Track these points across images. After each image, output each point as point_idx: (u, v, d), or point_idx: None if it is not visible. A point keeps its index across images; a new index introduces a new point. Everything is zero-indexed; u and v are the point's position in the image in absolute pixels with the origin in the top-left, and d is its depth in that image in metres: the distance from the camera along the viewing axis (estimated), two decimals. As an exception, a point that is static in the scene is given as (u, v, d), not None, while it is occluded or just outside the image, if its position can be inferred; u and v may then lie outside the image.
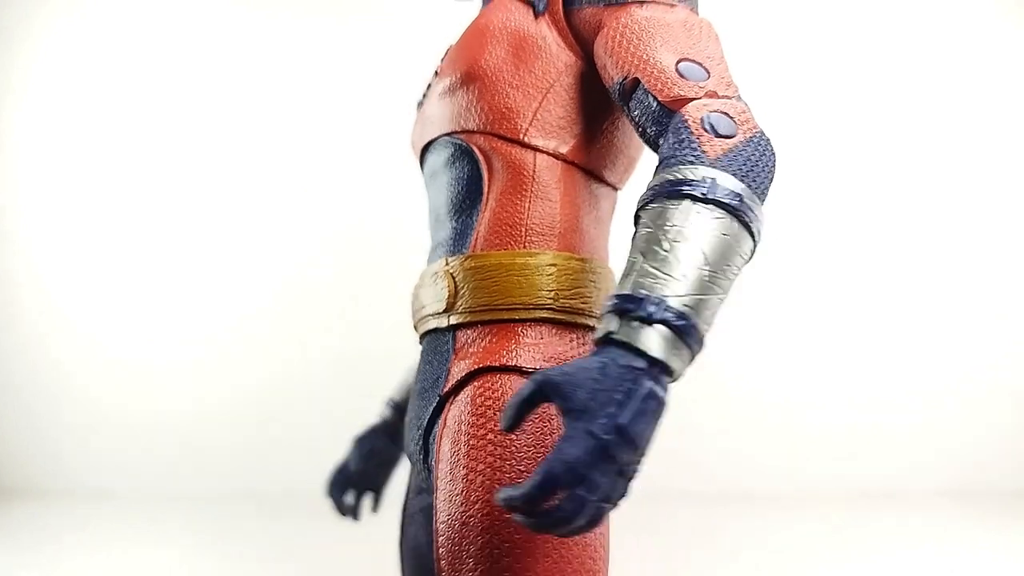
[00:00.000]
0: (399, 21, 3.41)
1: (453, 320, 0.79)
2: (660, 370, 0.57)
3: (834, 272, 3.29)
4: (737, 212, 0.61)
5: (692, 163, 0.64)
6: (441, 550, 0.70)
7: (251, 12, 3.45)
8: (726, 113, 0.67)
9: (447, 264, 0.81)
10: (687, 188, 0.62)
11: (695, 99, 0.68)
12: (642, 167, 0.88)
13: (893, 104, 3.33)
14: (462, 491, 0.69)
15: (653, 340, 0.56)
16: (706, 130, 0.65)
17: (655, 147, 0.72)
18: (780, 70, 3.31)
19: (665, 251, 0.60)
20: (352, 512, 1.12)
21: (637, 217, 0.66)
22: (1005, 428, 3.18)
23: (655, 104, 0.70)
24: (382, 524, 2.62)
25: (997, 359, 3.23)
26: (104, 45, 3.44)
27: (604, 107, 0.81)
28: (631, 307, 0.58)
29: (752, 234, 0.63)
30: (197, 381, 3.32)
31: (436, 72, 0.89)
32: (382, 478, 1.15)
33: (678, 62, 0.70)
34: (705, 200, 0.61)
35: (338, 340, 3.33)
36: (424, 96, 0.90)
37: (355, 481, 1.11)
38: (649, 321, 0.57)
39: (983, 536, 2.45)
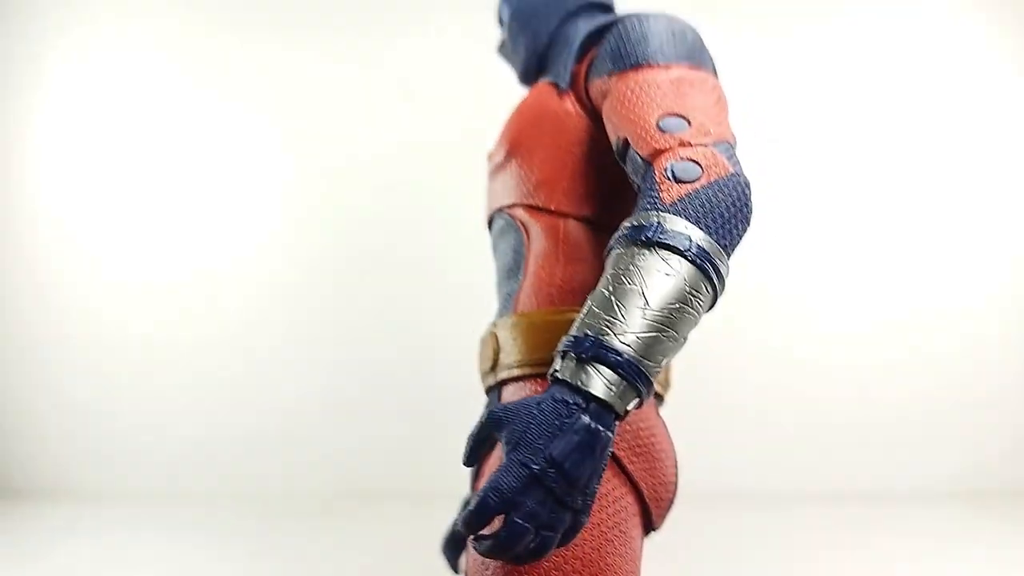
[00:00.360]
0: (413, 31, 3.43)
1: (498, 377, 0.86)
2: (601, 407, 0.58)
3: (832, 270, 3.29)
4: (683, 254, 0.62)
5: (647, 210, 0.66)
6: None
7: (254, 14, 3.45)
8: (693, 160, 0.69)
9: (495, 326, 0.88)
10: (635, 233, 0.65)
11: (668, 150, 0.71)
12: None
13: (891, 114, 3.34)
14: None
15: (593, 378, 0.59)
16: (667, 178, 0.68)
17: None
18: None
19: (608, 294, 0.62)
20: None
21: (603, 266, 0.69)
22: (1005, 428, 3.18)
23: (640, 160, 0.73)
24: (381, 525, 2.63)
25: (997, 359, 3.24)
26: (121, 50, 3.45)
27: (623, 170, 0.85)
28: (572, 347, 0.60)
29: (706, 274, 0.63)
30: (198, 381, 3.32)
31: (489, 154, 0.98)
32: None
33: (660, 118, 0.73)
34: (649, 243, 0.63)
35: (339, 341, 3.33)
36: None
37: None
38: (586, 359, 0.59)
39: (984, 536, 2.45)
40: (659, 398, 0.89)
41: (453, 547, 1.14)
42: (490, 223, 0.98)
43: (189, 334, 3.35)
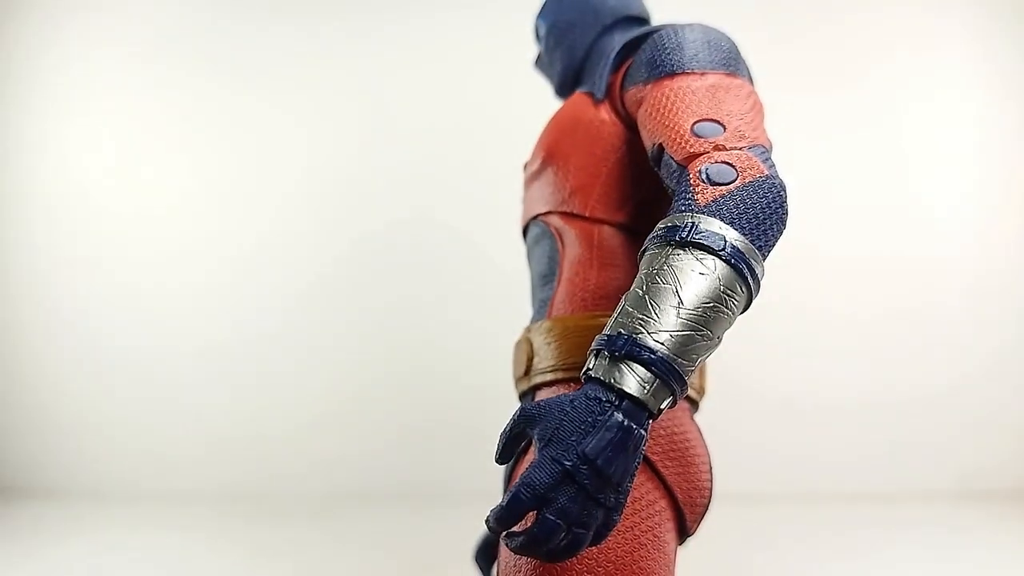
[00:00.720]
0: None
1: (532, 382, 0.87)
2: (634, 404, 0.58)
3: (834, 272, 3.29)
4: (718, 253, 0.62)
5: (682, 211, 0.67)
6: None
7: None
8: (728, 163, 0.69)
9: (529, 331, 0.89)
10: (669, 234, 0.65)
11: (703, 154, 0.72)
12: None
13: (898, 114, 3.34)
14: None
15: (627, 375, 0.58)
16: (702, 180, 0.68)
17: None
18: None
19: (642, 293, 0.62)
20: None
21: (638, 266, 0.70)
22: (1006, 428, 3.18)
23: (675, 165, 0.74)
24: (381, 526, 2.62)
25: (998, 359, 3.24)
26: (123, 47, 3.44)
27: (657, 176, 0.86)
28: (606, 345, 0.61)
29: (740, 274, 0.63)
30: (198, 381, 3.32)
31: (524, 164, 1.01)
32: None
33: (695, 123, 0.74)
34: (683, 243, 0.64)
35: (341, 343, 3.33)
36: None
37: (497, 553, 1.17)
38: (619, 357, 0.59)
39: (984, 536, 2.45)
40: (694, 404, 0.90)
41: (485, 556, 1.15)
42: (525, 232, 1.00)
43: (190, 334, 3.34)
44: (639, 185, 0.88)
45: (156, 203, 3.40)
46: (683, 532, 0.84)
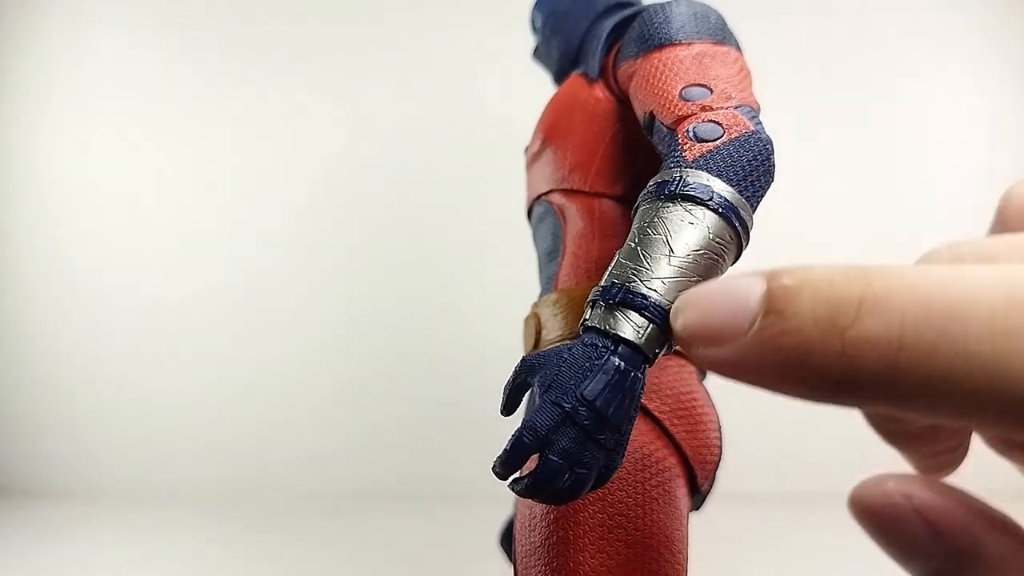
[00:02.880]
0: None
1: None
2: (631, 349, 0.60)
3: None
4: (706, 203, 0.64)
5: (671, 168, 0.69)
6: (517, 547, 0.80)
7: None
8: (715, 121, 0.72)
9: (536, 306, 0.92)
10: (659, 189, 0.68)
11: (690, 115, 0.75)
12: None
13: (894, 112, 3.35)
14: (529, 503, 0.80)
15: (622, 322, 0.60)
16: (690, 138, 0.71)
17: None
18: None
19: (634, 245, 0.65)
20: None
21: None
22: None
23: (665, 129, 0.77)
24: (382, 526, 2.63)
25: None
26: (123, 46, 3.45)
27: (651, 148, 0.90)
28: (601, 295, 0.63)
29: (729, 222, 0.65)
30: (198, 380, 3.32)
31: (525, 148, 1.05)
32: None
33: (683, 88, 0.77)
34: (672, 196, 0.66)
35: (341, 340, 3.34)
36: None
37: None
38: (614, 305, 0.61)
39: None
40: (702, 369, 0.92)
41: (509, 540, 1.16)
42: (529, 213, 1.04)
43: (191, 334, 3.35)
44: (635, 158, 0.92)
45: (158, 199, 3.40)
46: (695, 491, 0.87)
